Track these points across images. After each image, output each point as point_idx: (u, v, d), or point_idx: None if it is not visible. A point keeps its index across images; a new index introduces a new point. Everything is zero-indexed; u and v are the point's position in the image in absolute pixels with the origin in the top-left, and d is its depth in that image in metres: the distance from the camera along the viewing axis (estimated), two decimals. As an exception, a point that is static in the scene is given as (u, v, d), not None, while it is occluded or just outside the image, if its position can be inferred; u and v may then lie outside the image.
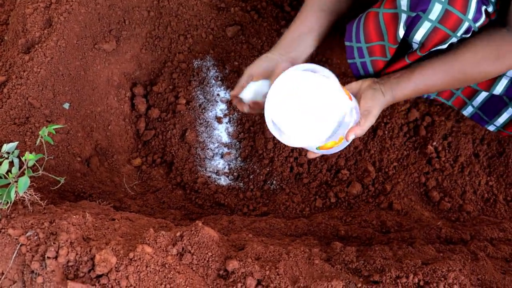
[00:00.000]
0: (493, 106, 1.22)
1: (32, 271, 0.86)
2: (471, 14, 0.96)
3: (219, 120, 1.48)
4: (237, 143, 1.48)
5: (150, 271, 0.85)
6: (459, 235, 1.22)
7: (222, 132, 1.48)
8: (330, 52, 1.50)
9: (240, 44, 1.54)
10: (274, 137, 1.43)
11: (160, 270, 0.86)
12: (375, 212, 1.32)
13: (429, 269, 0.95)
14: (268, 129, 1.41)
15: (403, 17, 0.99)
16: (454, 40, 1.00)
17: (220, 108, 1.49)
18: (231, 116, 1.50)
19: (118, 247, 0.87)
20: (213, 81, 1.50)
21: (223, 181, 1.44)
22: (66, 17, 1.40)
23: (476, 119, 1.27)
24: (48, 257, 0.85)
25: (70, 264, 0.85)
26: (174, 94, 1.48)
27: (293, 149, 1.43)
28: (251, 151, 1.47)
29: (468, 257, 1.07)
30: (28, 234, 0.89)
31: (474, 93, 1.24)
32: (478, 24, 0.99)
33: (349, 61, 1.15)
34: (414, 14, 0.97)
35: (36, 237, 0.89)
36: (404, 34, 1.03)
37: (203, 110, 1.48)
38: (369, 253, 1.00)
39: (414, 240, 1.17)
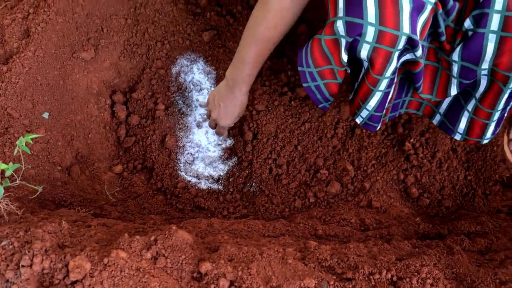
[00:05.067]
0: (454, 111, 1.20)
1: (7, 280, 0.86)
2: (406, 28, 0.95)
3: (198, 124, 1.49)
4: (217, 146, 1.49)
5: (124, 276, 0.86)
6: (437, 230, 1.23)
7: (202, 136, 1.49)
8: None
9: (216, 49, 1.55)
10: (252, 140, 1.45)
11: (135, 274, 0.87)
12: (354, 210, 1.33)
13: (402, 264, 0.96)
14: (246, 132, 1.43)
15: (343, 42, 1.01)
16: (397, 54, 1.00)
17: (199, 113, 1.50)
18: (210, 120, 1.51)
19: (93, 253, 0.88)
20: (192, 86, 1.51)
21: (203, 184, 1.44)
22: (43, 27, 1.41)
23: (444, 128, 1.25)
24: (23, 266, 0.85)
25: (45, 271, 0.86)
26: (153, 100, 1.49)
27: (271, 151, 1.44)
28: (230, 154, 1.48)
29: (443, 252, 1.08)
30: (3, 243, 0.90)
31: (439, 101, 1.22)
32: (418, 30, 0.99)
33: (304, 85, 1.17)
34: (351, 39, 0.99)
35: (11, 246, 0.89)
36: (352, 52, 1.04)
37: (182, 115, 1.48)
38: (343, 251, 1.01)
39: (392, 237, 1.18)
